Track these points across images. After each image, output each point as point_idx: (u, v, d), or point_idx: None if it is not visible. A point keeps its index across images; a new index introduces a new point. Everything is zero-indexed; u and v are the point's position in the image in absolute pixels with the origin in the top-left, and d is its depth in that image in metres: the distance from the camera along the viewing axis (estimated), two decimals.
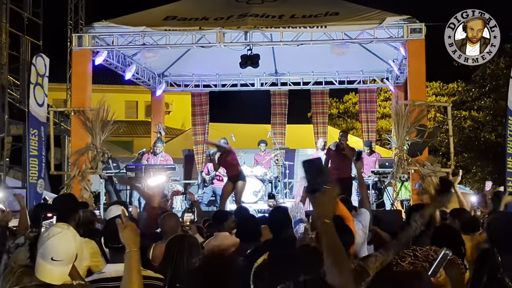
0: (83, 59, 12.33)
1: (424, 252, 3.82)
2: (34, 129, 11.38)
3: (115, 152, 15.89)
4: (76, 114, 11.93)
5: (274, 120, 16.52)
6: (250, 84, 16.68)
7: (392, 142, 11.98)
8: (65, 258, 3.09)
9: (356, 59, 14.62)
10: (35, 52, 12.75)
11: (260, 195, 13.57)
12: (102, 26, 12.43)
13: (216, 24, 11.97)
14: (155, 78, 16.28)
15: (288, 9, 12.45)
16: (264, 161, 14.49)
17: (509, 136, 11.52)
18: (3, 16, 14.05)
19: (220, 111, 23.59)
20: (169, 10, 12.98)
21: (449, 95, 28.87)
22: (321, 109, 16.51)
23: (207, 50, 13.27)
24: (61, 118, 17.31)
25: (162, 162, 13.18)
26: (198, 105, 16.63)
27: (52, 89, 12.78)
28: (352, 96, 30.10)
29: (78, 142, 11.87)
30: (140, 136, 29.07)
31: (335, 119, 30.92)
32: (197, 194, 14.63)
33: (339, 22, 11.85)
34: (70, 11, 17.58)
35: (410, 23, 11.68)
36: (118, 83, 28.32)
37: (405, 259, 3.80)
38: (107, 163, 12.20)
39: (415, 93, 11.78)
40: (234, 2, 13.16)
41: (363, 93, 16.36)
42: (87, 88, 12.22)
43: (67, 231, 3.15)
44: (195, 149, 16.40)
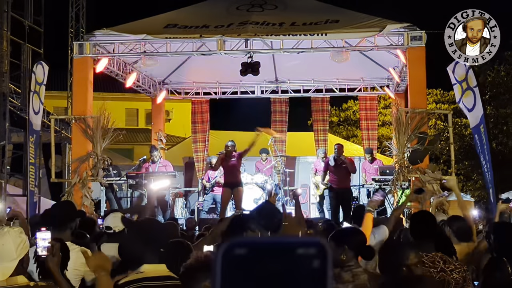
0: (84, 66, 12.35)
1: (431, 258, 3.91)
2: (32, 137, 11.41)
3: (116, 160, 15.89)
4: (77, 122, 11.95)
5: (274, 127, 16.49)
6: (251, 92, 16.69)
7: (393, 150, 11.97)
8: (3, 255, 3.30)
9: (357, 66, 14.64)
10: (36, 60, 12.77)
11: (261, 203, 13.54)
12: (103, 34, 12.46)
13: (216, 32, 11.99)
14: (155, 86, 16.29)
15: (289, 17, 12.48)
16: (265, 169, 14.49)
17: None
18: (4, 24, 14.07)
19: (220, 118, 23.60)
20: (169, 18, 13.01)
21: (449, 102, 28.84)
22: (322, 116, 16.50)
23: (208, 58, 13.30)
24: (62, 126, 17.30)
25: (161, 168, 13.17)
26: (199, 113, 16.63)
27: (53, 97, 12.83)
28: (351, 103, 30.11)
29: (79, 150, 11.88)
30: (140, 144, 29.08)
31: (335, 127, 30.91)
32: (198, 201, 14.63)
33: (340, 29, 11.87)
34: (71, 19, 17.62)
35: (410, 31, 11.70)
36: (119, 91, 28.31)
37: None
38: (108, 171, 12.20)
39: (415, 100, 11.78)
40: (234, 10, 13.19)
41: (364, 101, 16.36)
42: (88, 95, 12.23)
43: (9, 230, 3.37)
44: (195, 156, 16.39)
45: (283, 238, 0.90)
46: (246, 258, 0.86)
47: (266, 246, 0.87)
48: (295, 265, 0.85)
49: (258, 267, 0.86)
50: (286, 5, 13.24)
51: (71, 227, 4.75)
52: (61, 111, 21.30)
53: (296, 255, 0.86)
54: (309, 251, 0.86)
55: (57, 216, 4.75)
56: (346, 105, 31.05)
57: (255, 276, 0.85)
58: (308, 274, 0.85)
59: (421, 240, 4.13)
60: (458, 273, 3.90)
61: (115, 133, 11.80)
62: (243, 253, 0.86)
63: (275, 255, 0.86)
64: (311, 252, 0.86)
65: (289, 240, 0.88)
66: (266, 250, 0.86)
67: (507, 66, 25.49)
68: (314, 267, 0.86)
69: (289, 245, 0.87)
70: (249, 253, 0.86)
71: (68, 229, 4.62)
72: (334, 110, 30.64)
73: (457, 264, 3.97)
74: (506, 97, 25.73)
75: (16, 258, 3.32)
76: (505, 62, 25.36)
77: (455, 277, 3.86)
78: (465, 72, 11.34)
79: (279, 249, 0.86)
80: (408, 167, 11.29)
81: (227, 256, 0.87)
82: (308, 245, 0.86)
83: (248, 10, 13.09)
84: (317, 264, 0.86)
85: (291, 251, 0.86)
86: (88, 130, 11.64)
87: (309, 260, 0.86)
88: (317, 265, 0.86)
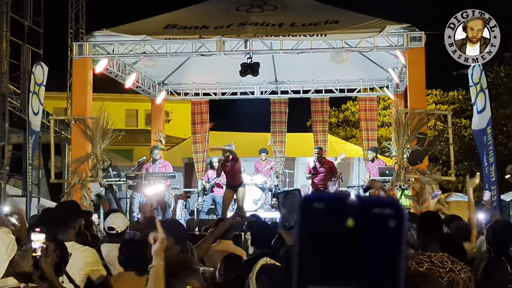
0: (83, 67, 12.35)
1: (439, 258, 3.97)
2: (31, 137, 11.41)
3: (115, 161, 15.88)
4: (76, 123, 11.94)
5: (274, 128, 16.52)
6: (250, 93, 16.69)
7: (392, 150, 11.97)
8: None
9: (356, 67, 14.64)
10: (35, 60, 12.77)
11: (260, 204, 13.54)
12: (103, 35, 12.46)
13: (216, 33, 11.99)
14: (155, 87, 16.29)
15: (288, 18, 12.48)
16: (264, 170, 14.48)
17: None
18: (3, 25, 14.05)
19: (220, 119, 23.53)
20: (169, 18, 13.01)
21: (449, 103, 28.86)
22: (321, 117, 16.50)
23: (207, 59, 13.30)
24: (61, 127, 17.29)
25: (161, 168, 13.17)
26: (198, 114, 16.63)
27: (52, 98, 12.83)
28: (350, 104, 30.11)
29: (78, 150, 11.87)
30: (140, 145, 29.04)
31: (334, 127, 30.91)
32: (197, 202, 14.62)
33: (339, 30, 11.87)
34: (70, 20, 17.61)
35: (410, 32, 11.70)
36: (118, 92, 28.30)
37: (422, 265, 3.93)
38: (107, 171, 12.19)
39: (415, 101, 11.78)
40: (234, 10, 13.19)
41: (363, 102, 16.36)
42: (88, 96, 12.23)
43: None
44: (195, 157, 16.39)
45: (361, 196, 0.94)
46: (323, 212, 0.89)
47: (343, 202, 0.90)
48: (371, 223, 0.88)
49: (334, 222, 0.88)
50: (286, 6, 13.25)
51: (74, 227, 4.72)
52: (61, 112, 21.28)
53: (372, 214, 0.89)
54: (385, 211, 0.88)
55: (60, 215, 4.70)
56: (345, 106, 31.06)
57: (332, 231, 0.88)
58: (383, 233, 0.88)
59: (428, 240, 4.14)
60: (465, 273, 3.95)
61: (114, 134, 11.80)
62: (321, 207, 0.89)
63: (352, 212, 0.89)
64: (387, 212, 0.88)
65: (367, 199, 0.91)
66: (343, 206, 0.89)
67: (507, 67, 25.49)
68: (390, 226, 0.88)
69: (366, 203, 0.89)
70: (327, 208, 0.89)
71: (71, 229, 4.57)
72: (333, 111, 30.65)
73: (462, 264, 4.01)
74: (505, 98, 25.74)
75: (7, 258, 3.21)
76: (504, 63, 25.36)
77: (463, 276, 3.91)
78: (479, 74, 11.34)
79: (356, 207, 0.89)
80: (407, 167, 11.29)
81: (306, 209, 0.90)
82: (384, 205, 0.89)
83: (248, 10, 13.09)
84: (393, 224, 0.88)
85: (368, 209, 0.89)
86: (88, 131, 11.64)
87: (385, 220, 0.88)
88: (392, 224, 0.88)
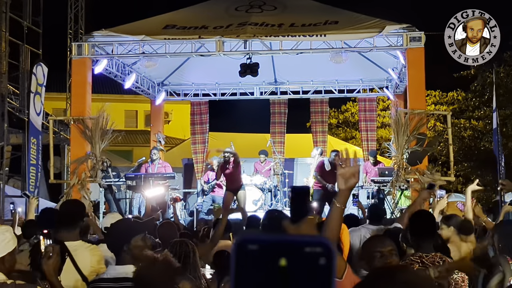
0: (82, 68, 12.33)
1: (430, 258, 3.94)
2: (34, 138, 11.40)
3: (115, 161, 15.85)
4: (75, 123, 11.92)
5: (273, 129, 16.50)
6: (250, 93, 16.68)
7: (392, 151, 11.96)
8: None
9: (356, 68, 14.63)
10: (35, 61, 12.77)
11: (260, 204, 13.52)
12: (102, 35, 12.44)
13: (215, 33, 11.97)
14: (154, 87, 16.27)
15: (288, 18, 12.47)
16: (264, 170, 14.46)
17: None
18: (2, 25, 14.05)
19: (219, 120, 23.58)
20: (168, 19, 13.00)
21: (448, 103, 28.85)
22: (321, 118, 16.47)
23: (207, 59, 13.29)
24: (60, 127, 17.29)
25: (160, 169, 13.13)
26: (198, 114, 16.61)
27: (51, 98, 12.83)
28: (350, 105, 30.09)
29: (78, 151, 11.86)
30: (139, 146, 29.04)
31: (334, 128, 30.90)
32: (197, 203, 14.59)
33: (339, 30, 11.86)
34: (70, 20, 17.61)
35: (409, 32, 11.69)
36: (118, 92, 28.31)
37: (413, 265, 3.89)
38: (107, 172, 12.18)
39: (414, 101, 11.77)
40: (233, 10, 13.18)
41: (363, 102, 16.34)
42: (87, 97, 12.21)
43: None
44: (195, 158, 16.37)
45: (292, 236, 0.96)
46: (257, 253, 0.94)
47: (276, 243, 0.94)
48: (302, 262, 0.93)
49: (268, 262, 0.93)
50: (285, 6, 13.23)
51: (80, 226, 4.70)
52: (60, 113, 21.28)
53: (303, 252, 0.93)
54: (315, 249, 0.93)
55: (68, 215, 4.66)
56: (345, 107, 31.05)
57: (266, 270, 0.93)
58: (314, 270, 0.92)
59: (421, 239, 4.12)
60: (457, 273, 3.91)
61: (114, 135, 11.78)
62: (255, 249, 0.94)
63: (284, 252, 0.93)
64: (317, 251, 0.93)
65: (297, 238, 0.95)
66: (276, 247, 0.94)
67: (507, 68, 25.48)
68: (320, 264, 0.93)
69: (297, 243, 0.94)
70: (260, 249, 0.94)
71: (77, 228, 4.55)
72: (333, 112, 30.64)
73: None
74: (505, 98, 25.72)
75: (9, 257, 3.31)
76: (504, 63, 25.35)
77: (455, 277, 3.88)
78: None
79: (288, 247, 0.94)
80: (407, 168, 11.27)
81: (241, 250, 0.95)
82: (315, 244, 0.93)
83: (247, 11, 13.08)
84: (323, 262, 0.93)
85: (299, 249, 0.93)
86: (87, 132, 11.62)
87: (316, 258, 0.93)
88: (323, 262, 0.93)
